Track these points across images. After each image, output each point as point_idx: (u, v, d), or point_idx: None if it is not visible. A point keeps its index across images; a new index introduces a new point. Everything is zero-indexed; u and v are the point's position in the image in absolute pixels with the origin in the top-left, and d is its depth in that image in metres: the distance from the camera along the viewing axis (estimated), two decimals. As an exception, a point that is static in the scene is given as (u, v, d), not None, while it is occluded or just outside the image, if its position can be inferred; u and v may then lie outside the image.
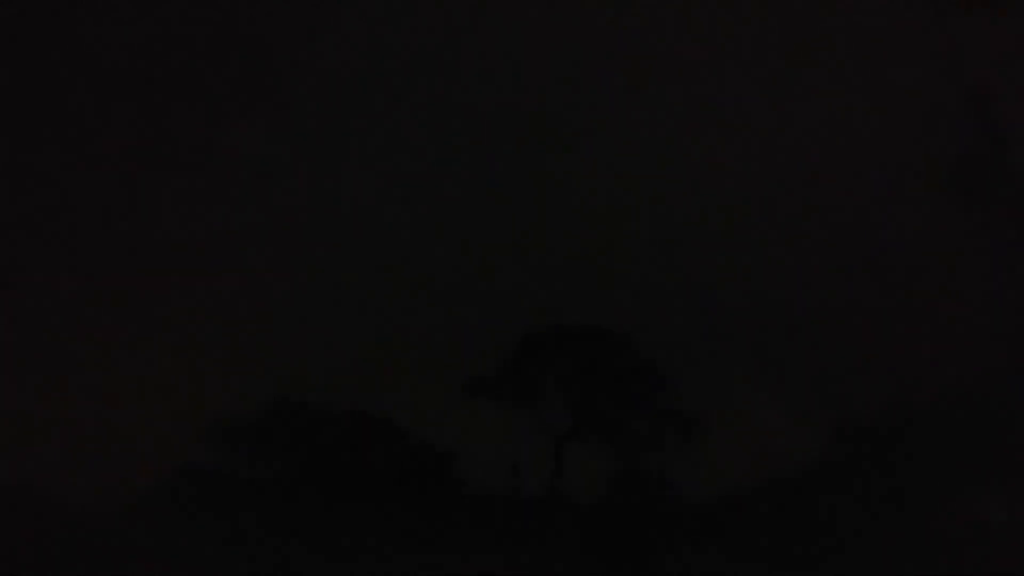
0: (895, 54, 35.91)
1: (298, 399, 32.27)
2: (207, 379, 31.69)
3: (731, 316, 34.06)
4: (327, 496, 31.04)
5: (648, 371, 33.42)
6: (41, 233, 34.45)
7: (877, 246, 33.51)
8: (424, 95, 38.92)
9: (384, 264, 36.03)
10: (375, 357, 33.34)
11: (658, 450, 32.64)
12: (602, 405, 33.31)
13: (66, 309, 33.01)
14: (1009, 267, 29.32)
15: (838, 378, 31.48)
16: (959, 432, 27.48)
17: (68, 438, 30.24)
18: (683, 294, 34.66)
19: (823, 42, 35.95)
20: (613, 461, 32.90)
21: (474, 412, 32.35)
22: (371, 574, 28.79)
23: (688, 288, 34.80)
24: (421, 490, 31.93)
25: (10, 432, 30.48)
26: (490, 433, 31.93)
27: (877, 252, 33.30)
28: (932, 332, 30.10)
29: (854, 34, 36.50)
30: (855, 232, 33.75)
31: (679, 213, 35.48)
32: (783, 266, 34.09)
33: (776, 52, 36.37)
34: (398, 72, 38.92)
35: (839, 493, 29.20)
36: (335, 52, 38.23)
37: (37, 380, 31.37)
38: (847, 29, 36.53)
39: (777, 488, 31.17)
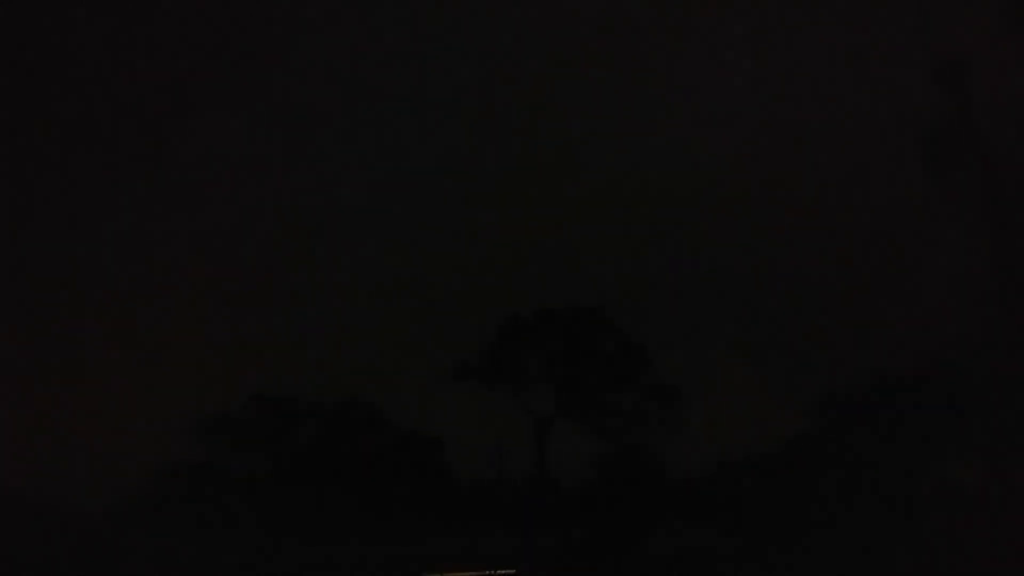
0: (867, 27, 36.06)
1: (283, 392, 32.37)
2: (192, 376, 31.83)
3: (710, 293, 34.39)
4: (315, 486, 31.24)
5: (630, 349, 33.57)
6: (20, 238, 34.54)
7: (852, 220, 33.81)
8: (406, 87, 39.14)
9: (365, 253, 36.26)
10: (358, 346, 33.52)
11: (642, 426, 32.89)
12: (586, 384, 33.43)
13: (49, 314, 33.15)
14: (980, 237, 29.56)
15: (817, 351, 31.87)
16: (933, 401, 27.97)
17: (57, 440, 30.40)
18: (663, 273, 34.94)
19: (794, 17, 36.08)
20: (599, 440, 33.16)
21: (459, 397, 32.46)
22: (361, 562, 29.08)
23: (668, 266, 35.08)
24: (408, 477, 32.11)
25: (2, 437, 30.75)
26: (476, 418, 32.10)
27: (852, 226, 33.61)
28: (906, 304, 30.51)
29: (826, 10, 36.59)
30: (830, 206, 34.05)
31: (657, 193, 35.72)
32: (760, 242, 34.41)
33: (748, 29, 36.47)
34: (384, 64, 39.09)
35: (820, 463, 29.72)
36: (320, 47, 38.27)
37: (23, 385, 31.53)
38: (819, 5, 36.60)
39: (761, 461, 31.62)
